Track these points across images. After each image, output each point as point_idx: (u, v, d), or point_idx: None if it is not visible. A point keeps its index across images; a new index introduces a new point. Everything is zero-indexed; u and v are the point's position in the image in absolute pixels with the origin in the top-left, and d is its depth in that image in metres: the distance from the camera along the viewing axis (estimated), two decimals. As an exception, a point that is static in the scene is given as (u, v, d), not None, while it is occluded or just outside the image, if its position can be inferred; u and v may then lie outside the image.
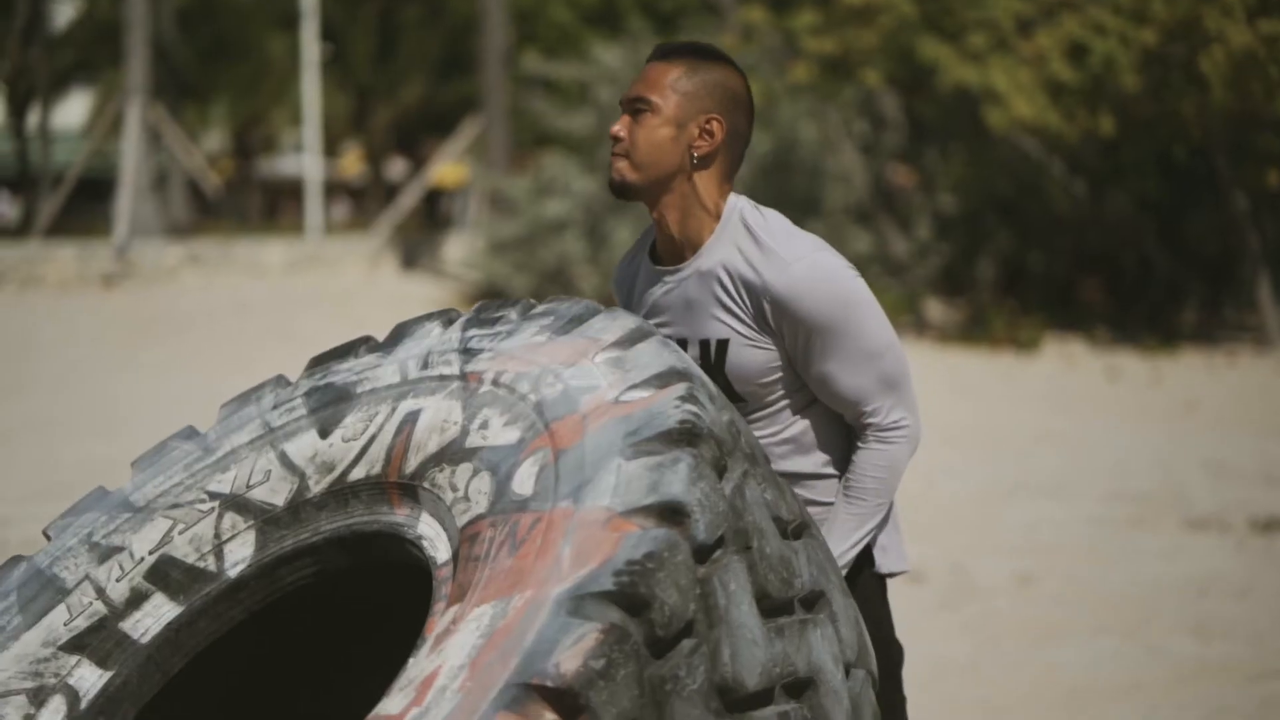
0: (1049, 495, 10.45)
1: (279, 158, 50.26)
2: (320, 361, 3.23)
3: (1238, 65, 16.43)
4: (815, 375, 3.24)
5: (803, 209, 21.16)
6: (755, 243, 3.22)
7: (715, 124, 3.24)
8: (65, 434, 12.87)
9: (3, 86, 38.28)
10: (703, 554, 2.60)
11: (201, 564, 3.11)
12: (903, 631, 7.28)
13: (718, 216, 3.27)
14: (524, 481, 2.72)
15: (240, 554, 3.09)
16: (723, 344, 3.24)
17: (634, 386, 2.77)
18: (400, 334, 3.18)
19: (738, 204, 3.28)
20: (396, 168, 47.41)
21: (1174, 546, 8.99)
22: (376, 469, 2.98)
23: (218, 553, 3.11)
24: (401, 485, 2.93)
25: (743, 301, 3.22)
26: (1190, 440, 12.53)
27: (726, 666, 2.60)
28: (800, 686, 2.76)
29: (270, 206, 50.66)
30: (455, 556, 2.73)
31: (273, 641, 3.38)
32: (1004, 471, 11.33)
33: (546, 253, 21.63)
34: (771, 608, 2.73)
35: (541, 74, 25.65)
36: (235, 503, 3.12)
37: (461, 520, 2.76)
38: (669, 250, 3.32)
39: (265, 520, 3.09)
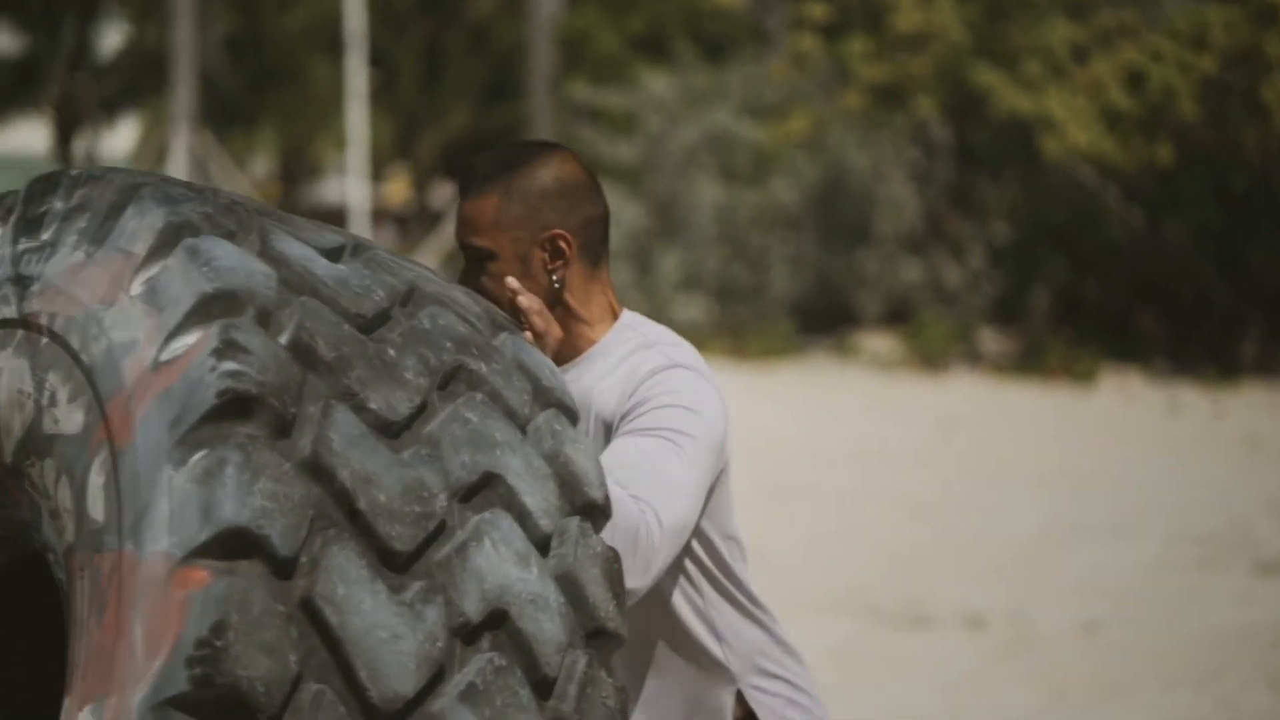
0: (1111, 536, 10.15)
1: (324, 184, 50.34)
2: None
3: (1300, 93, 16.16)
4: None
5: (853, 237, 20.94)
6: (642, 341, 2.90)
7: (560, 240, 2.87)
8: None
9: (50, 113, 38.41)
10: (288, 569, 2.12)
11: None
12: (965, 681, 7.05)
13: (597, 322, 2.93)
14: (95, 500, 2.23)
15: None
16: None
17: (171, 336, 2.22)
18: None
19: (627, 319, 2.95)
20: (442, 194, 47.39)
21: (1244, 592, 8.69)
22: None
23: None
24: (14, 474, 2.40)
25: (611, 409, 2.86)
26: (1255, 478, 12.22)
27: (369, 690, 2.12)
28: (485, 627, 2.25)
29: (316, 233, 50.64)
30: (67, 600, 2.29)
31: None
32: (1063, 510, 11.03)
33: (593, 282, 21.46)
34: (409, 558, 2.21)
35: (589, 102, 25.49)
36: None
37: (61, 546, 2.31)
38: (557, 358, 2.91)
39: None
